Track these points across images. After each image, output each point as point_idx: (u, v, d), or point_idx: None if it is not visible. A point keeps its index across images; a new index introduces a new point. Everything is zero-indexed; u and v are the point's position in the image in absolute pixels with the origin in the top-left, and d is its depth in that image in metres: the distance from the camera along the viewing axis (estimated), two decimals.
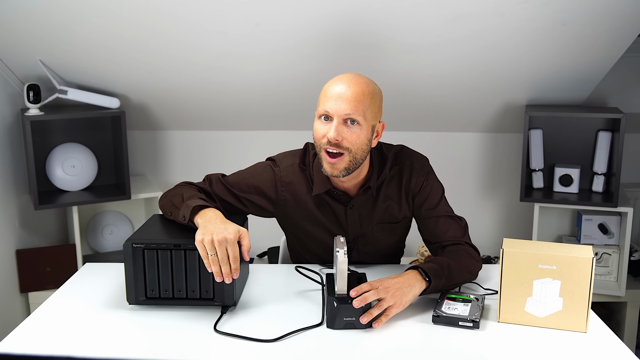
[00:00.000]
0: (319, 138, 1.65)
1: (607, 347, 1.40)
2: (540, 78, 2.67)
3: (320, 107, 1.63)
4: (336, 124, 1.60)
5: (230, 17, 2.31)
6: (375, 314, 1.46)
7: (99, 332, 1.46)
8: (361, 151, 1.64)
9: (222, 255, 1.46)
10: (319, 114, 1.64)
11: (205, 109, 2.93)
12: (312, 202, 1.77)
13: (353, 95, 1.60)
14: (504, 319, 1.50)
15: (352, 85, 1.61)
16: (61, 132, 2.79)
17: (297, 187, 1.77)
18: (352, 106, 1.59)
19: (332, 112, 1.60)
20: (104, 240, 3.00)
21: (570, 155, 2.87)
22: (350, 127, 1.61)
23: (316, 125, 1.65)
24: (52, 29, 2.36)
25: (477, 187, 3.14)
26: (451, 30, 2.36)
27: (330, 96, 1.61)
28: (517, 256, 1.46)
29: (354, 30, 2.39)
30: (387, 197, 1.78)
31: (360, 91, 1.61)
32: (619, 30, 2.34)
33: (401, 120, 2.99)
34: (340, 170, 1.64)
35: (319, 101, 1.65)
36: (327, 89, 1.63)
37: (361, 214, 1.78)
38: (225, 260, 1.47)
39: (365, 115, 1.61)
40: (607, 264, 2.76)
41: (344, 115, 1.60)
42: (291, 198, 1.78)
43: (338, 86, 1.62)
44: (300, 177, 1.77)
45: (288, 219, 1.83)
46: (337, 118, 1.60)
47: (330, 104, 1.60)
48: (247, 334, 1.43)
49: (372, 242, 1.83)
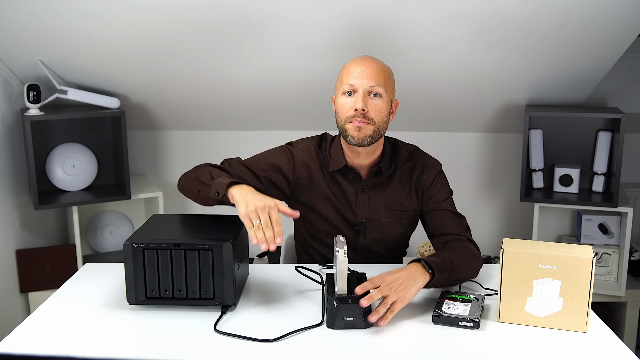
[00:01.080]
0: (344, 112, 1.76)
1: (607, 347, 1.40)
2: (540, 78, 2.67)
3: (344, 83, 1.75)
4: (362, 95, 1.72)
5: (230, 17, 2.31)
6: (382, 312, 1.46)
7: (99, 332, 1.46)
8: (383, 123, 1.76)
9: (266, 220, 1.52)
10: (343, 90, 1.75)
11: (205, 109, 2.93)
12: (325, 181, 1.87)
13: (375, 70, 1.74)
14: (504, 319, 1.50)
15: (373, 62, 1.76)
16: (61, 132, 2.79)
17: (312, 167, 1.87)
18: (375, 79, 1.73)
19: (357, 84, 1.73)
20: (104, 240, 3.00)
21: (570, 155, 2.87)
22: (374, 99, 1.74)
23: (340, 101, 1.76)
24: (52, 29, 2.36)
25: (477, 187, 3.14)
26: (451, 30, 2.36)
27: (353, 72, 1.74)
28: (517, 256, 1.46)
29: (354, 30, 2.39)
30: (397, 187, 1.87)
31: (380, 67, 1.76)
32: (619, 30, 2.34)
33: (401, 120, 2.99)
34: (366, 136, 1.74)
35: (340, 80, 1.78)
36: (349, 68, 1.76)
37: (371, 198, 1.86)
38: (268, 224, 1.52)
39: (386, 89, 1.75)
40: (607, 264, 2.76)
41: (369, 87, 1.73)
42: (306, 176, 1.87)
43: (359, 64, 1.75)
44: (315, 158, 1.88)
45: (301, 196, 1.89)
46: (362, 90, 1.73)
47: (354, 79, 1.73)
48: (247, 334, 1.43)
49: (379, 227, 1.88)
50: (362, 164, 1.84)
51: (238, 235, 1.59)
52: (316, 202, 1.87)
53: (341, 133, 1.79)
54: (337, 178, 1.86)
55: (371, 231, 1.88)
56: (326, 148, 1.88)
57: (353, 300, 1.46)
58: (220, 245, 1.51)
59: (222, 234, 1.57)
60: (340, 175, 1.86)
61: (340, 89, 1.77)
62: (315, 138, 1.92)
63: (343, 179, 1.86)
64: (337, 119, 1.79)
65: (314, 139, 1.92)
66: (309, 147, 1.89)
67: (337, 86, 1.79)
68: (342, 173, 1.86)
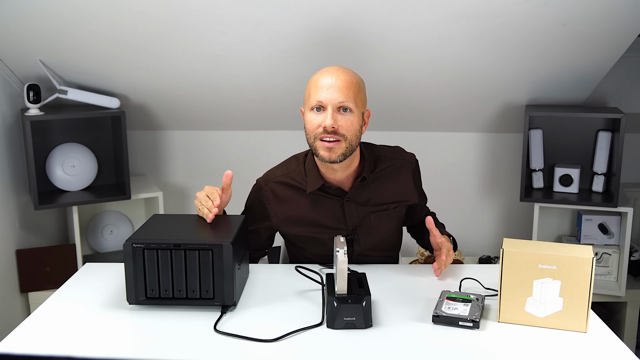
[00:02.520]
0: (313, 129, 1.70)
1: (607, 347, 1.40)
2: (540, 78, 2.67)
3: (312, 98, 1.69)
4: (331, 112, 1.67)
5: (230, 17, 2.31)
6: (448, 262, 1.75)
7: (99, 332, 1.46)
8: (355, 137, 1.71)
9: (201, 197, 1.69)
10: (311, 105, 1.69)
11: (205, 109, 2.93)
12: (306, 205, 1.83)
13: (344, 83, 1.67)
14: (504, 319, 1.50)
15: (341, 74, 1.69)
16: (61, 132, 2.79)
17: (287, 198, 1.84)
18: (344, 94, 1.67)
19: (326, 101, 1.67)
20: (104, 240, 3.00)
21: (570, 155, 2.87)
22: (344, 115, 1.69)
23: (309, 117, 1.71)
24: (52, 29, 2.36)
25: (477, 187, 3.14)
26: (451, 30, 2.36)
27: (321, 87, 1.67)
28: (517, 256, 1.46)
29: (354, 31, 2.39)
30: (380, 186, 1.85)
31: (349, 80, 1.69)
32: (619, 30, 2.34)
33: (401, 121, 2.99)
34: (338, 155, 1.70)
35: (308, 94, 1.71)
36: (317, 81, 1.69)
37: (357, 205, 1.84)
38: (205, 200, 1.67)
39: (356, 102, 1.69)
40: (607, 264, 2.76)
41: (338, 103, 1.67)
42: (282, 210, 1.85)
43: (327, 77, 1.68)
44: (286, 188, 1.84)
45: (283, 229, 1.89)
46: (331, 106, 1.67)
47: (323, 94, 1.67)
48: (247, 334, 1.43)
49: (371, 231, 1.87)
50: (341, 178, 1.80)
51: (238, 235, 1.59)
52: (302, 230, 1.85)
53: (312, 150, 1.74)
54: (318, 196, 1.82)
55: (364, 237, 1.86)
56: (300, 170, 1.84)
57: (353, 300, 1.46)
58: (220, 245, 1.51)
59: (222, 234, 1.57)
60: (320, 192, 1.82)
61: (308, 103, 1.70)
62: (282, 166, 1.88)
63: (324, 195, 1.82)
64: (307, 135, 1.73)
65: (280, 168, 1.88)
66: (278, 179, 1.85)
67: (305, 99, 1.73)
68: (322, 190, 1.82)
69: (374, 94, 2.16)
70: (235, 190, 2.07)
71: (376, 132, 2.62)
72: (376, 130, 2.71)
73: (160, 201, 2.82)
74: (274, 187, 1.85)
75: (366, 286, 1.55)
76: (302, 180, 1.83)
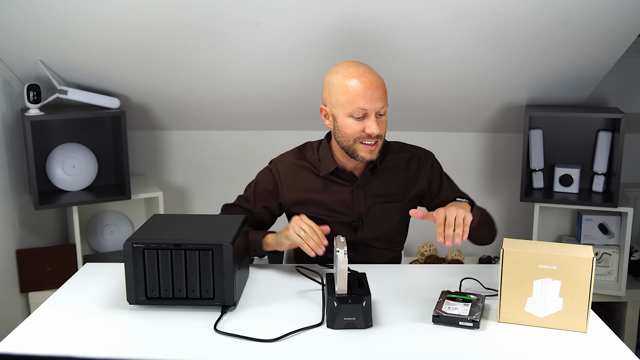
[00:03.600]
0: (354, 134, 1.74)
1: (607, 347, 1.40)
2: (540, 78, 2.67)
3: (352, 106, 1.71)
4: (374, 118, 1.72)
5: (230, 17, 2.31)
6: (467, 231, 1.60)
7: (99, 332, 1.46)
8: (385, 134, 1.80)
9: (306, 228, 1.68)
10: (352, 113, 1.71)
11: (205, 109, 2.93)
12: (317, 187, 1.88)
13: (381, 88, 1.72)
14: (504, 319, 1.50)
15: (376, 79, 1.72)
16: (61, 132, 2.79)
17: (298, 179, 1.89)
18: (384, 99, 1.73)
19: (370, 109, 1.71)
20: (104, 240, 3.00)
21: (570, 155, 2.87)
22: (381, 118, 1.75)
23: (348, 122, 1.74)
24: (52, 29, 2.36)
25: (477, 187, 3.14)
26: (451, 30, 2.36)
27: (362, 95, 1.69)
28: (517, 256, 1.46)
29: (354, 31, 2.39)
30: (390, 178, 1.89)
31: (381, 83, 1.74)
32: (619, 30, 2.34)
33: (401, 120, 2.99)
34: (377, 154, 1.78)
35: (346, 100, 1.71)
36: (356, 87, 1.70)
37: (366, 193, 1.88)
38: (311, 231, 1.68)
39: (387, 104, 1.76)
40: (607, 264, 2.76)
41: (380, 109, 1.72)
42: (293, 191, 1.89)
43: (365, 83, 1.70)
44: (300, 168, 1.89)
45: (293, 210, 1.91)
46: (374, 113, 1.72)
47: (365, 102, 1.70)
48: (247, 334, 1.43)
49: (377, 220, 1.89)
50: (355, 164, 1.86)
51: (238, 235, 1.59)
52: (309, 210, 1.87)
53: (346, 150, 1.78)
54: (330, 180, 1.88)
55: (369, 225, 1.90)
56: (313, 154, 1.90)
57: (353, 300, 1.46)
58: (220, 245, 1.51)
59: (222, 234, 1.57)
60: (333, 176, 1.88)
61: (345, 108, 1.72)
62: (296, 150, 1.94)
63: (336, 180, 1.88)
64: (342, 137, 1.76)
65: (294, 152, 1.93)
66: (291, 160, 1.91)
67: (338, 102, 1.73)
68: (335, 174, 1.87)
69: None
70: (236, 191, 2.08)
71: None
72: None
73: (160, 201, 2.82)
74: (288, 167, 1.90)
75: (366, 286, 1.55)
76: (317, 164, 1.89)
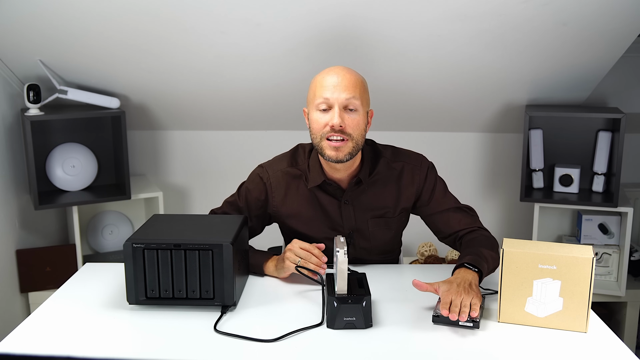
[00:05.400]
0: (319, 128, 1.70)
1: (607, 347, 1.40)
2: (540, 78, 2.67)
3: (318, 97, 1.68)
4: (338, 110, 1.66)
5: (230, 17, 2.31)
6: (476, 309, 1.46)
7: (99, 332, 1.46)
8: (361, 137, 1.71)
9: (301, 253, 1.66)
10: (317, 105, 1.69)
11: (205, 109, 2.93)
12: (305, 199, 1.82)
13: (350, 82, 1.68)
14: (504, 319, 1.50)
15: (346, 74, 1.69)
16: (61, 132, 2.79)
17: (289, 189, 1.83)
18: (350, 92, 1.67)
19: (333, 99, 1.67)
20: (104, 240, 3.00)
21: (570, 155, 2.87)
22: (350, 114, 1.68)
23: (314, 117, 1.70)
24: (52, 29, 2.36)
25: (477, 187, 3.14)
26: (451, 30, 2.36)
27: (327, 86, 1.68)
28: (517, 256, 1.46)
29: (354, 31, 2.39)
30: (381, 191, 1.82)
31: (355, 79, 1.69)
32: (619, 30, 2.34)
33: (401, 120, 2.99)
34: (345, 155, 1.69)
35: (313, 94, 1.71)
36: (322, 80, 1.69)
37: (355, 209, 1.82)
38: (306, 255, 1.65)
39: (362, 101, 1.69)
40: (607, 264, 2.76)
41: (344, 101, 1.67)
42: (283, 202, 1.84)
43: (333, 76, 1.69)
44: (290, 178, 1.83)
45: (282, 221, 1.88)
46: (338, 105, 1.67)
47: (329, 92, 1.67)
48: (247, 334, 1.43)
49: (368, 236, 1.85)
50: (342, 177, 1.79)
51: (238, 235, 1.59)
52: (300, 224, 1.84)
53: (317, 150, 1.73)
54: (317, 193, 1.81)
55: (360, 241, 1.85)
56: (304, 162, 1.83)
57: (353, 300, 1.46)
58: (220, 245, 1.51)
59: (222, 234, 1.57)
60: (321, 189, 1.81)
61: (313, 102, 1.69)
62: (288, 155, 1.87)
63: (323, 193, 1.81)
64: (312, 135, 1.72)
65: (285, 158, 1.86)
66: (283, 169, 1.84)
67: (310, 99, 1.72)
68: (322, 187, 1.81)
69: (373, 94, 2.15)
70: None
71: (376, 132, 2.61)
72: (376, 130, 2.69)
73: (160, 201, 2.82)
74: (280, 177, 1.84)
75: (366, 286, 1.55)
76: (307, 173, 1.82)
